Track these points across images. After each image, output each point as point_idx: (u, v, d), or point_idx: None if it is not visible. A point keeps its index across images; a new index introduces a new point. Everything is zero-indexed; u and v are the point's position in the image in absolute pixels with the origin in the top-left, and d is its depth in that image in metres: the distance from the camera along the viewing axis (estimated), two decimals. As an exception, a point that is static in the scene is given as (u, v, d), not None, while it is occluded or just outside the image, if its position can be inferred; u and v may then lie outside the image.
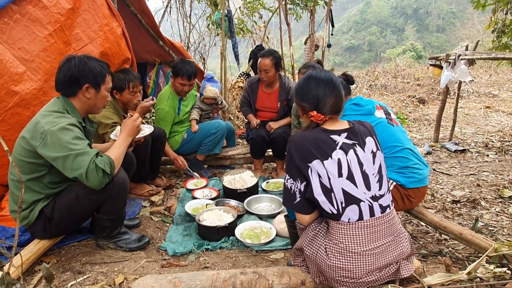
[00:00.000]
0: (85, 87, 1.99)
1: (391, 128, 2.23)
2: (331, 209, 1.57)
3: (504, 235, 2.39)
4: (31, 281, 1.88)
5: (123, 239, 2.25)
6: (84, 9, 2.83)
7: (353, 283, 1.58)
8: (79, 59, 1.99)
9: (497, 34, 6.07)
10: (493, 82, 10.41)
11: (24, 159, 1.91)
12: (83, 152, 1.84)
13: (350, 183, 1.57)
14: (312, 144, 1.59)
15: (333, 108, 1.65)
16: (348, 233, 1.56)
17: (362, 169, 1.60)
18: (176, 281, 1.69)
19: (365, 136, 1.67)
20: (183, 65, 3.34)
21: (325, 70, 1.76)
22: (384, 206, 1.61)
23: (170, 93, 3.47)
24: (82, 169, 1.82)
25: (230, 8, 5.46)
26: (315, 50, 6.40)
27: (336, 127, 1.67)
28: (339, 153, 1.58)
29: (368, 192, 1.58)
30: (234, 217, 2.51)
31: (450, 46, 35.34)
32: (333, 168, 1.56)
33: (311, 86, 1.68)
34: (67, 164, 1.84)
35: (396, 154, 2.17)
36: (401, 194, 2.17)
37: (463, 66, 4.22)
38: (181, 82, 3.37)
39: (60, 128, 1.85)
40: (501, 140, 4.97)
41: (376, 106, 2.27)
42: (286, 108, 3.67)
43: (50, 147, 1.83)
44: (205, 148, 3.58)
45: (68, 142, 1.83)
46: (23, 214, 1.97)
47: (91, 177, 1.84)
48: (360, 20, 54.55)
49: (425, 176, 2.23)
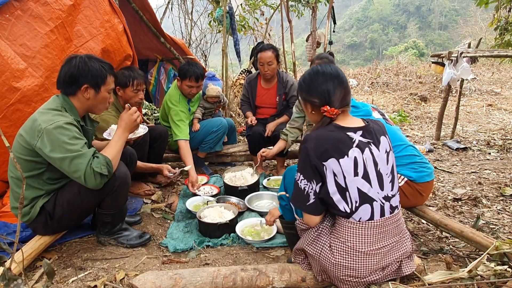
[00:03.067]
0: (84, 87, 1.98)
1: (391, 127, 2.25)
2: (345, 207, 1.55)
3: (505, 233, 2.39)
4: (33, 277, 1.89)
5: (124, 235, 2.25)
6: (86, 6, 2.82)
7: (356, 282, 1.58)
8: (80, 59, 1.98)
9: (499, 31, 6.03)
10: (495, 80, 10.37)
11: (22, 157, 1.91)
12: (79, 155, 1.83)
13: (365, 182, 1.55)
14: (329, 142, 1.55)
15: (343, 101, 1.62)
16: (357, 232, 1.55)
17: (376, 169, 1.58)
18: (177, 277, 1.70)
19: (380, 135, 1.64)
20: (190, 67, 3.27)
21: (330, 65, 1.72)
22: (393, 207, 1.61)
23: (179, 95, 3.39)
24: (80, 172, 1.82)
25: (231, 5, 5.45)
26: (317, 47, 6.38)
27: (350, 124, 1.63)
28: (356, 151, 1.55)
29: (381, 192, 1.57)
30: (235, 214, 2.52)
31: (453, 44, 35.21)
32: (349, 166, 1.53)
33: (320, 81, 1.64)
34: (64, 166, 1.84)
35: (402, 152, 2.19)
36: (413, 189, 2.18)
37: (465, 64, 4.20)
38: (188, 84, 3.29)
39: (57, 127, 1.83)
40: (503, 138, 4.95)
41: (371, 108, 2.29)
42: (285, 103, 3.67)
43: (47, 145, 1.83)
44: (206, 146, 3.58)
45: (64, 142, 1.82)
46: (24, 210, 1.98)
47: (89, 180, 1.84)
48: (362, 17, 54.34)
49: (432, 170, 2.27)
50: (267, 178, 3.38)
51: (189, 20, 7.29)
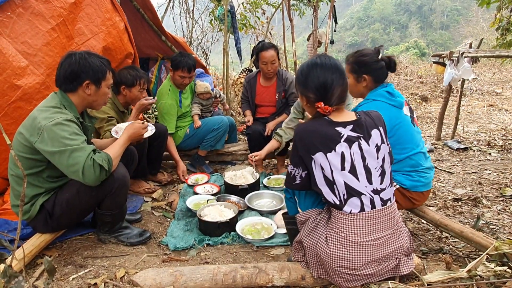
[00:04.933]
0: (86, 83, 1.99)
1: (412, 128, 2.15)
2: (334, 199, 1.59)
3: (505, 234, 2.39)
4: (33, 274, 1.90)
5: (124, 233, 2.26)
6: (87, 4, 2.83)
7: (351, 275, 1.58)
8: (80, 55, 1.98)
9: (501, 31, 6.02)
10: (496, 80, 10.35)
11: (22, 155, 1.91)
12: (79, 148, 1.83)
13: (352, 176, 1.57)
14: (316, 136, 1.58)
15: (340, 98, 1.61)
16: (349, 224, 1.56)
17: (364, 163, 1.59)
18: (177, 274, 1.70)
19: (371, 129, 1.64)
20: (182, 58, 3.35)
21: (330, 57, 1.67)
22: (385, 200, 1.61)
23: (170, 86, 3.48)
24: (78, 165, 1.81)
25: (233, 4, 5.45)
26: (318, 47, 6.38)
27: (342, 118, 1.63)
28: (343, 146, 1.57)
29: (369, 186, 1.58)
30: (235, 213, 2.52)
31: (454, 44, 35.15)
32: (336, 161, 1.56)
33: (317, 75, 1.60)
34: (63, 160, 1.82)
35: (412, 156, 2.12)
36: (404, 196, 2.16)
37: (466, 64, 4.20)
38: (181, 75, 3.37)
39: (56, 124, 1.84)
40: (503, 138, 4.95)
41: (404, 102, 2.17)
42: (284, 100, 3.67)
43: (47, 142, 1.83)
44: (207, 144, 3.59)
45: (64, 137, 1.82)
46: (25, 208, 1.98)
47: (87, 173, 1.82)
48: (363, 17, 54.31)
49: (430, 180, 2.21)
50: (268, 177, 3.38)
51: (190, 18, 7.29)
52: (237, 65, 7.97)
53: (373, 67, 2.11)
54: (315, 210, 1.75)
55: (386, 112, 2.00)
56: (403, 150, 2.10)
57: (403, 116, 2.11)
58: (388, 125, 2.00)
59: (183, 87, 3.53)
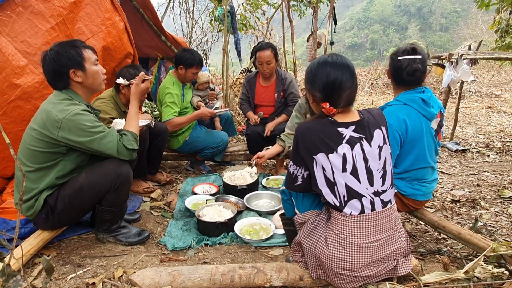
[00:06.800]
0: (72, 73, 1.99)
1: (432, 144, 2.09)
2: (334, 201, 1.57)
3: (503, 235, 2.39)
4: (31, 273, 1.90)
5: (122, 233, 2.26)
6: (87, 3, 2.83)
7: (350, 276, 1.58)
8: (50, 52, 1.99)
9: (500, 34, 6.05)
10: (495, 82, 10.39)
11: (37, 149, 1.94)
12: (105, 134, 1.97)
13: (353, 178, 1.55)
14: (317, 136, 1.55)
15: (347, 100, 1.57)
16: (349, 225, 1.55)
17: (366, 165, 1.57)
18: (176, 274, 1.70)
19: (374, 129, 1.61)
20: (194, 55, 3.41)
21: (341, 56, 1.62)
22: (385, 201, 1.60)
23: (174, 80, 3.50)
24: (112, 150, 2.00)
25: (233, 4, 5.45)
26: (318, 48, 6.38)
27: (345, 118, 1.60)
28: (345, 147, 1.54)
29: (370, 188, 1.57)
30: (233, 213, 2.53)
31: (453, 45, 35.19)
32: (338, 162, 1.54)
33: (326, 73, 1.55)
34: (93, 146, 1.97)
35: (420, 170, 2.09)
36: (402, 202, 2.16)
37: (465, 66, 4.21)
38: (194, 72, 3.46)
39: (75, 114, 1.91)
40: (502, 140, 4.96)
41: (438, 113, 2.09)
42: (283, 100, 3.68)
43: (71, 132, 1.90)
44: (205, 155, 3.65)
45: (88, 126, 1.93)
46: (29, 203, 2.00)
47: (122, 155, 2.04)
48: (363, 18, 54.36)
49: (431, 191, 2.20)
50: (266, 178, 3.38)
51: (190, 18, 7.29)
52: (237, 66, 7.99)
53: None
54: (314, 212, 1.74)
55: (412, 122, 1.98)
56: (416, 161, 2.06)
57: (427, 129, 2.04)
58: (410, 135, 1.99)
59: (188, 81, 3.61)
